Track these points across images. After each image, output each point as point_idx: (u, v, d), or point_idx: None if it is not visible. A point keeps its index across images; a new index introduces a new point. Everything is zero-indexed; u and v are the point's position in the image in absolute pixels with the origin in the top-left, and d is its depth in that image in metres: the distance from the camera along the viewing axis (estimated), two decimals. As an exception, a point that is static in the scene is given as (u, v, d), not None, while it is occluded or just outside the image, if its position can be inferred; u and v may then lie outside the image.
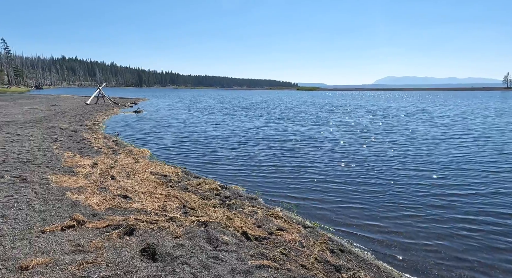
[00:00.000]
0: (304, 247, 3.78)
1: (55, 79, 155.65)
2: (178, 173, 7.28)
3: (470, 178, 7.01)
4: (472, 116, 21.78)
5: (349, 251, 3.78)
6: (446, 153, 9.64)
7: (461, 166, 8.06)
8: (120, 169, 7.14)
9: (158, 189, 5.92)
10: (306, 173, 7.47)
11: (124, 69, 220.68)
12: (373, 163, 8.49)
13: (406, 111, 26.71)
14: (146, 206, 4.97)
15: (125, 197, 5.37)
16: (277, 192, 6.18)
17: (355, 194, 5.98)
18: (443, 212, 5.15)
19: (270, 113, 24.61)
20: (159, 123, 17.93)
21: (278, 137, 12.83)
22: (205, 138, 12.68)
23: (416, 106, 34.69)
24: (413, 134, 13.56)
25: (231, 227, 4.30)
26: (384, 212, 5.13)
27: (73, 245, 3.53)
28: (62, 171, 6.62)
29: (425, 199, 5.69)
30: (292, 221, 4.64)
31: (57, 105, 26.57)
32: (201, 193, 5.82)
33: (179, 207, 5.08)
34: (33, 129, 12.28)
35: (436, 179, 6.95)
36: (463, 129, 15.28)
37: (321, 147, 10.70)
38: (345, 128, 15.62)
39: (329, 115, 23.09)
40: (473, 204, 5.52)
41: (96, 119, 18.29)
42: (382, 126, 16.64)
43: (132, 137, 12.75)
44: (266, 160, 8.79)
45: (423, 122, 18.48)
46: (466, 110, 27.30)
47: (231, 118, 20.53)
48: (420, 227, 4.56)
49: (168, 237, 3.86)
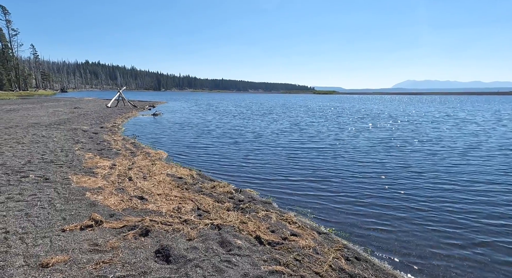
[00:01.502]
0: (318, 254, 3.70)
1: (79, 83, 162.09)
2: (193, 175, 7.35)
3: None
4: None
5: (365, 260, 3.67)
6: (487, 164, 9.13)
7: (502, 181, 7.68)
8: (137, 171, 7.30)
9: (174, 191, 6.00)
10: (322, 179, 7.35)
11: (144, 73, 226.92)
12: (394, 170, 8.25)
13: (435, 116, 25.87)
14: (161, 208, 5.04)
15: (141, 198, 5.48)
16: (292, 197, 6.11)
17: (373, 202, 5.81)
18: (473, 227, 4.92)
19: (287, 118, 24.52)
20: (175, 125, 18.25)
21: (294, 142, 12.73)
22: (221, 141, 12.78)
23: (452, 111, 33.54)
24: (443, 142, 13.10)
25: (244, 231, 4.29)
26: (405, 222, 4.95)
27: (91, 244, 3.62)
28: (82, 171, 6.85)
29: (453, 213, 5.32)
30: (306, 226, 4.56)
31: (80, 107, 27.61)
32: (215, 196, 5.84)
33: (194, 209, 5.12)
34: (57, 131, 12.80)
35: (470, 194, 6.53)
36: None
37: (339, 154, 10.52)
38: (367, 135, 15.31)
39: (351, 121, 22.73)
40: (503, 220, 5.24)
41: (116, 121, 18.84)
42: (407, 133, 16.20)
43: (150, 139, 13.03)
44: (281, 165, 8.73)
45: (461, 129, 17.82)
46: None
47: (247, 123, 20.60)
48: (443, 240, 4.35)
49: (182, 239, 3.90)
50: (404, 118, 23.73)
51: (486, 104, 48.90)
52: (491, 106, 43.86)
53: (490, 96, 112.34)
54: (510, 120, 22.72)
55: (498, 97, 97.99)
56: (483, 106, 43.85)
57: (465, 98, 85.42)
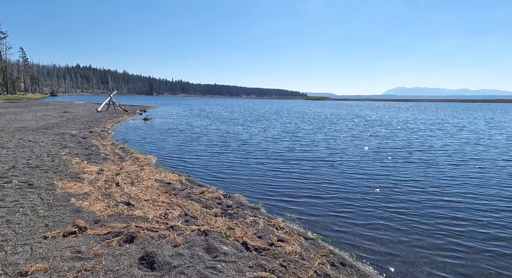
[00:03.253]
0: (304, 260, 3.71)
1: (69, 87, 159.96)
2: (182, 181, 7.30)
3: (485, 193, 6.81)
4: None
5: (350, 265, 3.69)
6: (474, 173, 9.36)
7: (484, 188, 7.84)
8: (125, 176, 7.22)
9: (161, 197, 5.94)
10: (311, 185, 7.39)
11: (136, 77, 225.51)
12: (382, 177, 8.35)
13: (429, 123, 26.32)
14: (148, 214, 4.98)
15: (128, 204, 5.41)
16: (280, 202, 6.11)
17: (361, 208, 5.86)
18: (457, 231, 5.00)
19: (279, 125, 24.64)
20: (166, 130, 18.13)
21: (285, 149, 12.78)
22: (212, 146, 12.74)
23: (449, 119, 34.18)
24: (428, 147, 13.33)
25: (231, 237, 4.27)
26: (390, 227, 5.00)
27: (73, 251, 3.55)
28: (68, 177, 6.73)
29: (439, 219, 5.39)
30: (294, 232, 4.57)
31: (69, 112, 27.21)
32: (203, 202, 5.81)
33: (181, 215, 5.08)
34: (44, 135, 12.57)
35: (457, 198, 6.71)
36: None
37: (329, 160, 10.61)
38: (358, 142, 15.49)
39: (342, 127, 22.97)
40: (485, 219, 5.35)
41: (105, 126, 18.61)
42: (399, 140, 16.44)
43: (140, 144, 12.90)
44: (270, 171, 8.74)
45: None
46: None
47: (238, 129, 20.61)
48: (428, 246, 4.40)
49: (167, 246, 3.85)
50: (398, 125, 24.11)
51: (478, 112, 50.10)
52: (484, 113, 44.94)
53: (478, 103, 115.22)
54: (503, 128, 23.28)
55: (485, 104, 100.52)
56: (477, 113, 44.91)
57: (455, 105, 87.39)
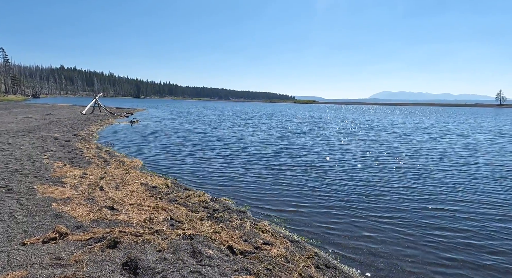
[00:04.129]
0: (289, 262, 3.73)
1: (53, 89, 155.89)
2: (168, 184, 7.22)
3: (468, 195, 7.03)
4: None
5: (334, 267, 3.73)
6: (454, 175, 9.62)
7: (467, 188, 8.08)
8: (109, 180, 7.08)
9: (147, 201, 5.85)
10: (297, 187, 7.44)
11: (123, 80, 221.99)
12: (367, 180, 8.51)
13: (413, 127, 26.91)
14: (132, 218, 4.90)
15: (112, 208, 5.30)
16: (267, 205, 6.14)
17: (346, 210, 5.95)
18: (439, 233, 5.13)
19: (267, 128, 24.74)
20: (153, 133, 17.90)
21: (273, 152, 12.83)
22: (199, 150, 12.66)
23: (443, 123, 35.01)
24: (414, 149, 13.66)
25: (217, 240, 4.25)
26: (374, 229, 5.09)
27: (53, 258, 3.45)
28: (50, 181, 6.54)
29: (422, 222, 5.44)
30: (279, 235, 4.59)
31: (52, 114, 26.49)
32: (189, 206, 5.76)
33: (166, 219, 5.02)
34: (25, 139, 12.18)
35: (442, 203, 6.68)
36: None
37: (315, 164, 10.72)
38: (346, 146, 15.71)
39: (334, 131, 23.25)
40: (459, 215, 5.52)
41: (90, 129, 18.22)
42: (384, 144, 16.76)
43: (125, 147, 12.68)
44: (257, 174, 8.76)
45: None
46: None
47: (225, 132, 20.58)
48: (411, 248, 4.49)
49: (152, 251, 3.80)
50: (385, 129, 24.60)
51: (464, 116, 51.70)
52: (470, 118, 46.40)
53: (460, 107, 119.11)
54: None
55: (467, 108, 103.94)
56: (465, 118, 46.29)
57: (439, 109, 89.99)
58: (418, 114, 56.06)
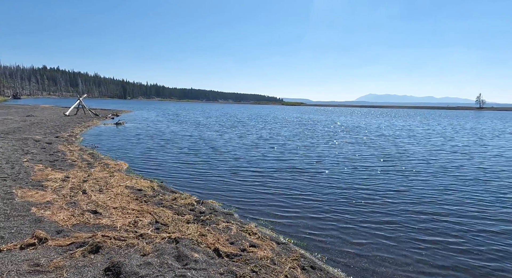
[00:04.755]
0: (275, 264, 3.73)
1: (35, 89, 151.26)
2: (154, 187, 7.11)
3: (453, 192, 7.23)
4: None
5: (320, 268, 3.76)
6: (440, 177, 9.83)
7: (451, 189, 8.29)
8: (93, 183, 6.91)
9: (131, 204, 5.74)
10: (285, 190, 7.47)
11: (108, 80, 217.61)
12: (353, 182, 8.62)
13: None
14: (116, 222, 4.79)
15: (95, 212, 5.17)
16: (254, 207, 6.13)
17: (332, 212, 6.01)
18: (423, 235, 5.25)
19: (255, 131, 24.78)
20: (139, 135, 17.61)
21: (260, 154, 12.85)
22: (186, 152, 12.53)
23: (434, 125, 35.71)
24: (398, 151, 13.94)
25: (203, 243, 4.20)
26: (360, 231, 5.15)
27: (31, 265, 3.33)
28: (29, 185, 6.32)
29: (407, 223, 5.53)
30: (266, 237, 4.58)
31: (33, 115, 25.67)
32: (175, 208, 5.68)
33: (151, 223, 4.93)
34: (3, 141, 11.75)
35: (426, 204, 6.79)
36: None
37: (302, 166, 10.79)
38: (332, 149, 15.88)
39: (323, 133, 23.46)
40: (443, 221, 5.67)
41: (74, 130, 17.75)
42: (372, 146, 17.02)
43: (110, 149, 12.42)
44: (244, 176, 8.74)
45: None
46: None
47: (213, 134, 20.48)
48: (395, 249, 4.55)
49: (135, 255, 3.72)
50: (374, 132, 25.03)
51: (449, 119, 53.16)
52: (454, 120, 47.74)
53: (442, 110, 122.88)
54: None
55: (450, 111, 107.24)
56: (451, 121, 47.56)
57: (423, 112, 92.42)
58: (404, 116, 57.38)
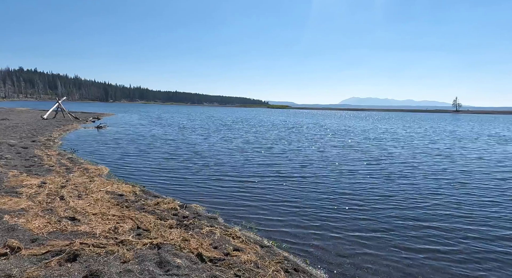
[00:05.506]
0: (259, 268, 3.71)
1: (11, 92, 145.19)
2: (136, 192, 6.95)
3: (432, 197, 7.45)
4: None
5: (303, 270, 3.78)
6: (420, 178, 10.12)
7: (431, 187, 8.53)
8: (71, 189, 6.68)
9: (112, 210, 5.58)
10: (269, 193, 7.48)
11: (89, 83, 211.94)
12: (336, 183, 8.75)
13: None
14: (95, 229, 4.64)
15: (73, 219, 5.00)
16: (238, 211, 6.11)
17: (315, 214, 6.07)
18: (403, 234, 5.38)
19: (240, 134, 24.76)
20: (122, 139, 17.20)
21: (245, 159, 12.82)
22: (170, 156, 12.34)
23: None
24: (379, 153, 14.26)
25: (186, 249, 4.14)
26: (342, 233, 5.21)
27: (2, 276, 3.17)
28: (2, 191, 6.03)
29: (390, 224, 5.68)
30: (250, 240, 4.57)
31: (8, 119, 24.59)
32: (158, 213, 5.57)
33: (133, 229, 4.81)
34: (-25, 145, 11.17)
35: (408, 205, 6.91)
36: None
37: (286, 169, 10.86)
38: (317, 151, 16.05)
39: (308, 136, 23.67)
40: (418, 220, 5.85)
41: (52, 134, 17.13)
42: (357, 150, 17.31)
43: (91, 153, 12.06)
44: (229, 180, 8.70)
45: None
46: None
47: (198, 138, 20.30)
48: (377, 251, 4.63)
49: (115, 262, 3.61)
50: (359, 135, 25.48)
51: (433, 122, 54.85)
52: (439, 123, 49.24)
53: (422, 113, 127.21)
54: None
55: (429, 114, 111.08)
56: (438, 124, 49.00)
57: (404, 115, 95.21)
58: (386, 119, 58.88)
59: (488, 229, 5.46)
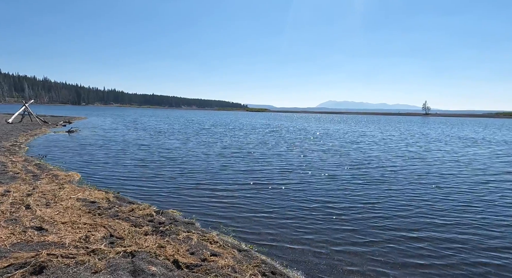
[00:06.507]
0: (236, 272, 3.69)
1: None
2: (110, 198, 6.70)
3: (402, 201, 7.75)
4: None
5: (280, 273, 3.80)
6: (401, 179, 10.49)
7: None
8: (39, 197, 6.32)
9: (83, 218, 5.35)
10: (247, 197, 7.46)
11: (60, 85, 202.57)
12: (313, 185, 8.89)
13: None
14: (65, 238, 4.42)
15: (40, 229, 4.73)
16: (216, 215, 6.04)
17: (293, 216, 6.12)
18: (379, 233, 5.55)
19: (220, 137, 24.60)
20: (94, 144, 16.54)
21: (221, 161, 12.74)
22: (146, 161, 12.00)
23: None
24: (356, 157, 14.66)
25: (161, 256, 4.04)
26: (319, 235, 5.29)
27: (-42, 292, 2.93)
28: (-40, 201, 5.60)
29: (366, 225, 5.79)
30: (228, 245, 4.54)
31: (-31, 123, 22.93)
32: (133, 220, 5.40)
33: (105, 237, 4.63)
34: None
35: (384, 208, 7.06)
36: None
37: (264, 171, 10.90)
38: (292, 153, 16.19)
39: (286, 139, 23.82)
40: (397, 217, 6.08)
41: (17, 139, 16.16)
42: (337, 154, 17.63)
43: (61, 159, 11.48)
44: (206, 184, 8.60)
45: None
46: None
47: (176, 142, 19.93)
48: (354, 252, 4.71)
49: (85, 273, 3.45)
50: (339, 139, 26.03)
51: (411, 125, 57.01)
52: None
53: (395, 116, 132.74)
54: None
55: (402, 117, 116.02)
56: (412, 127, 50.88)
57: (379, 118, 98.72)
58: (363, 122, 60.67)
59: (471, 237, 5.19)
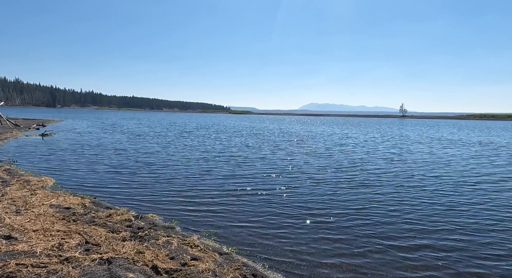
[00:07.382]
0: (217, 276, 3.65)
1: None
2: (86, 204, 6.46)
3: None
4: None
5: (261, 275, 3.79)
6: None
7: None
8: (8, 204, 6.00)
9: (56, 225, 5.12)
10: (229, 200, 7.40)
11: (33, 87, 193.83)
12: (296, 186, 8.97)
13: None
14: (35, 247, 4.21)
15: (8, 238, 4.48)
16: (197, 219, 5.96)
17: (273, 218, 6.14)
18: (361, 234, 5.66)
19: (202, 140, 24.37)
20: (70, 148, 15.91)
21: (201, 164, 12.61)
22: (124, 165, 11.66)
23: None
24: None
25: (140, 261, 3.93)
26: (300, 237, 5.30)
27: None
28: None
29: (346, 224, 5.92)
30: (209, 248, 4.48)
31: None
32: (110, 226, 5.23)
33: (80, 244, 4.45)
34: None
35: (369, 206, 7.27)
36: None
37: (245, 174, 10.89)
38: (276, 155, 16.29)
39: (271, 142, 23.87)
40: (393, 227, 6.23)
41: (-14, 143, 15.27)
42: (323, 156, 17.82)
43: (33, 164, 10.96)
44: (187, 187, 8.48)
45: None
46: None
47: (155, 146, 19.54)
48: (336, 252, 4.74)
49: (58, 283, 3.30)
50: (324, 141, 26.35)
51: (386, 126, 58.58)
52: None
53: (374, 118, 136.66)
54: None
55: (381, 119, 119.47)
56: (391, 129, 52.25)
57: (359, 120, 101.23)
58: (344, 124, 61.89)
59: (456, 244, 4.99)
